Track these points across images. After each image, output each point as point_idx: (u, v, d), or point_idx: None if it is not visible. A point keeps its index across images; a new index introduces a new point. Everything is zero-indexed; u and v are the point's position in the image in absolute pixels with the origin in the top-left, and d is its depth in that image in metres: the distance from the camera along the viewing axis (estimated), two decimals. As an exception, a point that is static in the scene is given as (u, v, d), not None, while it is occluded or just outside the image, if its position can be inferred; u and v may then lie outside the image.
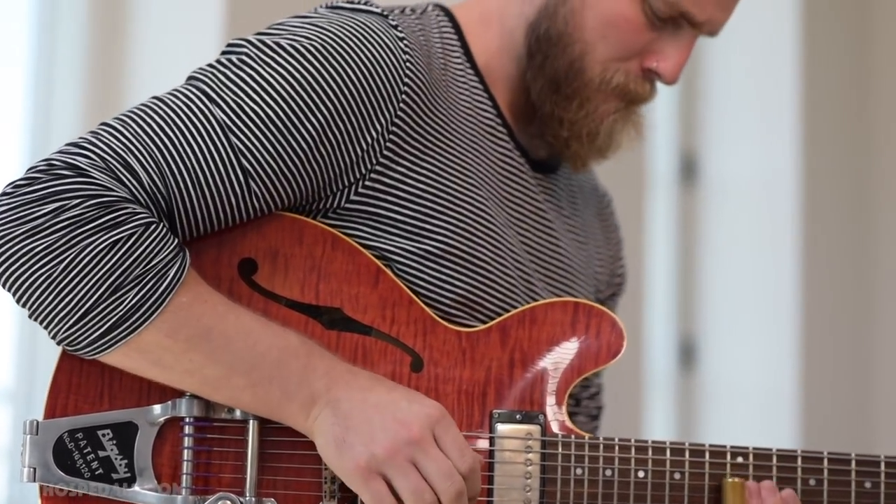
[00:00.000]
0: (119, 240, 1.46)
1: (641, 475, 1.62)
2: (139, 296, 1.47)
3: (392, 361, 1.60)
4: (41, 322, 1.49)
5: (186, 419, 1.54)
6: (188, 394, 1.54)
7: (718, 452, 1.64)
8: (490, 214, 1.68)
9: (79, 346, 1.49)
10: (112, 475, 1.52)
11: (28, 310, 1.49)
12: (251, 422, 1.54)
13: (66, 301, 1.46)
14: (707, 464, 1.64)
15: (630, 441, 1.63)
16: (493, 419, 1.61)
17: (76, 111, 2.82)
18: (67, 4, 2.85)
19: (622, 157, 1.83)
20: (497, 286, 1.66)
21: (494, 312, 1.66)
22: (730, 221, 4.07)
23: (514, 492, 1.60)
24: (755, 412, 3.94)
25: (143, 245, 1.47)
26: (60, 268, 1.45)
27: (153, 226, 1.48)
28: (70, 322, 1.47)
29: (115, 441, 1.53)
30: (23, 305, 1.49)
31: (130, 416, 1.54)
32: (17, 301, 1.49)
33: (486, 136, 1.72)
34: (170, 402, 1.54)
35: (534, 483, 1.60)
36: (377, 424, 1.50)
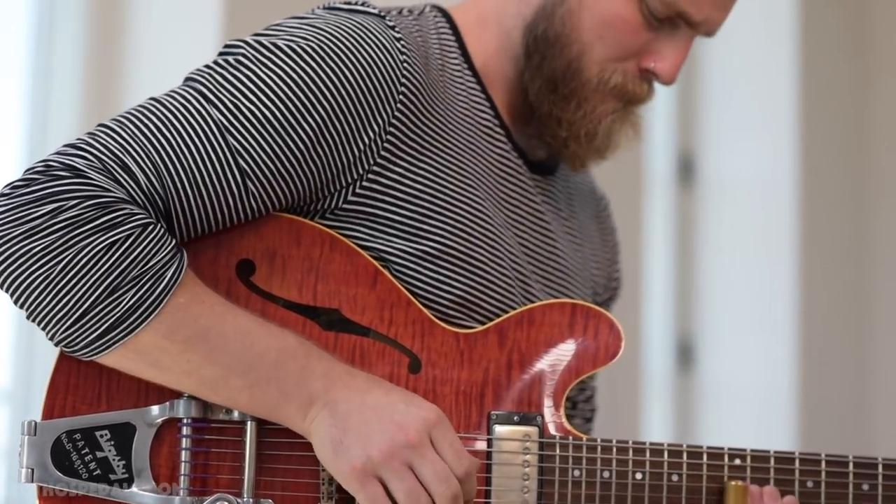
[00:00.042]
0: (117, 241, 1.46)
1: (639, 477, 1.62)
2: (137, 297, 1.47)
3: (390, 363, 1.59)
4: (39, 323, 1.49)
5: (184, 420, 1.54)
6: (186, 395, 1.53)
7: (716, 454, 1.64)
8: (487, 215, 1.68)
9: (76, 348, 1.49)
10: (110, 476, 1.52)
11: (26, 311, 1.48)
12: (249, 423, 1.54)
13: (64, 302, 1.46)
14: (705, 466, 1.64)
15: (628, 443, 1.63)
16: (491, 420, 1.61)
17: (74, 112, 2.81)
18: (65, 6, 2.84)
19: (620, 158, 1.83)
20: (494, 287, 1.66)
21: (492, 313, 1.66)
22: (727, 222, 4.07)
23: (512, 493, 1.60)
24: (753, 412, 3.94)
25: (141, 246, 1.47)
26: (58, 269, 1.45)
27: (151, 227, 1.48)
28: (68, 323, 1.47)
29: (113, 442, 1.53)
30: (20, 306, 1.49)
31: (128, 417, 1.53)
32: (15, 302, 1.49)
33: (484, 137, 1.71)
34: (167, 403, 1.54)
35: (531, 484, 1.60)
36: (374, 427, 1.50)
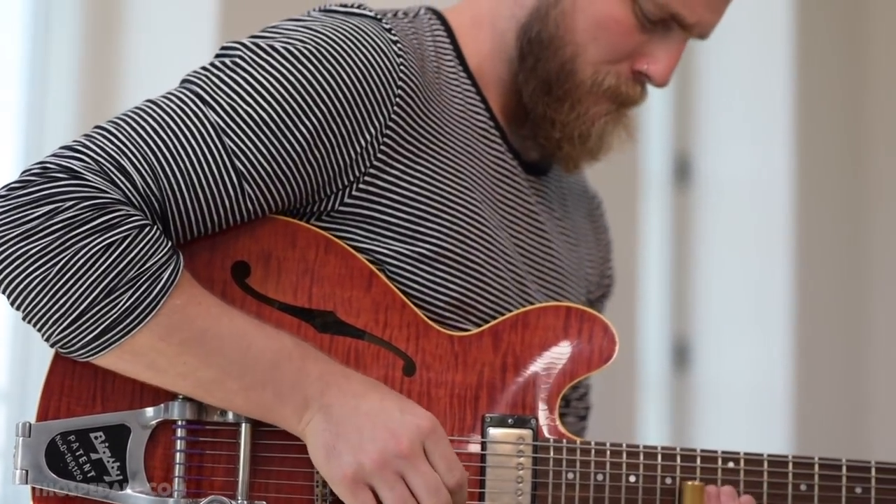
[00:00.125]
0: (113, 242, 1.46)
1: (633, 480, 1.62)
2: (133, 298, 1.47)
3: (385, 365, 1.59)
4: (35, 324, 1.49)
5: (179, 422, 1.54)
6: (181, 396, 1.54)
7: (710, 458, 1.65)
8: (483, 217, 1.68)
9: (72, 349, 1.49)
10: (104, 478, 1.52)
11: (22, 312, 1.48)
12: (243, 425, 1.54)
13: (61, 303, 1.46)
14: (698, 469, 1.64)
15: (622, 446, 1.63)
16: (486, 423, 1.61)
17: (70, 114, 2.81)
18: (62, 7, 2.84)
19: (616, 159, 1.83)
20: (490, 288, 1.66)
21: (488, 315, 1.66)
22: (723, 223, 4.07)
23: (506, 496, 1.60)
24: (748, 413, 3.94)
25: (138, 248, 1.47)
26: (55, 270, 1.45)
27: (147, 228, 1.48)
28: (64, 324, 1.47)
29: (108, 444, 1.53)
30: (17, 308, 1.49)
31: (123, 419, 1.54)
32: (12, 304, 1.49)
33: (479, 139, 1.72)
34: (162, 405, 1.54)
35: (525, 487, 1.60)
36: (367, 434, 1.50)
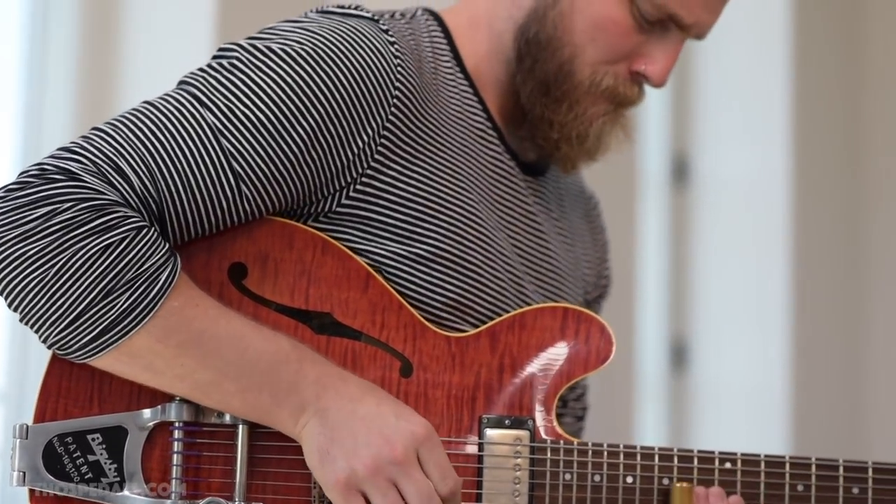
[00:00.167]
0: (111, 244, 1.46)
1: (630, 481, 1.62)
2: (131, 300, 1.47)
3: (381, 366, 1.60)
4: (32, 326, 1.49)
5: (176, 423, 1.54)
6: (178, 398, 1.54)
7: (707, 458, 1.65)
8: (481, 217, 1.68)
9: (70, 350, 1.49)
10: (102, 479, 1.52)
11: (19, 313, 1.48)
12: (240, 426, 1.54)
13: (58, 305, 1.46)
14: (695, 469, 1.64)
15: (619, 447, 1.63)
16: (483, 424, 1.61)
17: (68, 116, 2.81)
18: (59, 9, 2.84)
19: (614, 159, 1.83)
20: (488, 289, 1.66)
21: (485, 315, 1.66)
22: (721, 223, 4.07)
23: (503, 497, 1.60)
24: (746, 413, 3.94)
25: (135, 249, 1.47)
26: (52, 272, 1.45)
27: (145, 230, 1.48)
28: (61, 326, 1.47)
29: (105, 445, 1.53)
30: (14, 309, 1.49)
31: (120, 421, 1.54)
32: (9, 305, 1.49)
33: (477, 140, 1.72)
34: (159, 407, 1.54)
35: (522, 488, 1.60)
36: (362, 439, 1.50)
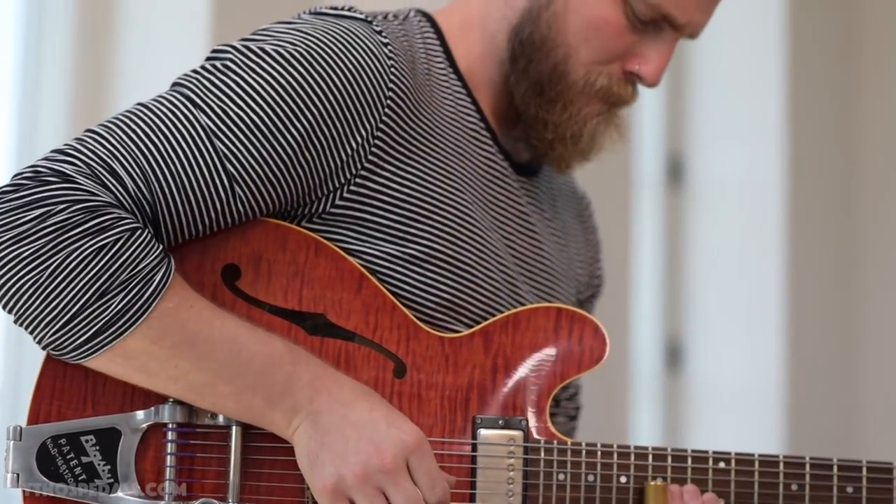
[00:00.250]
0: (105, 245, 1.46)
1: (623, 480, 1.63)
2: (125, 301, 1.47)
3: (375, 367, 1.60)
4: (27, 327, 1.49)
5: (169, 425, 1.54)
6: (171, 400, 1.54)
7: (701, 458, 1.65)
8: (474, 218, 1.68)
9: (64, 351, 1.49)
10: (95, 481, 1.52)
11: (14, 315, 1.49)
12: (234, 428, 1.54)
13: (53, 306, 1.46)
14: (689, 469, 1.64)
15: (612, 446, 1.63)
16: (476, 425, 1.61)
17: (62, 118, 2.80)
18: (54, 9, 2.84)
19: (609, 159, 1.83)
20: (481, 289, 1.66)
21: (479, 316, 1.66)
22: (716, 223, 4.07)
23: (497, 497, 1.60)
24: (741, 414, 3.94)
25: (129, 250, 1.47)
26: (47, 273, 1.45)
27: (139, 231, 1.49)
28: (56, 327, 1.47)
29: (99, 447, 1.53)
30: (8, 311, 1.49)
31: (113, 422, 1.54)
32: (3, 306, 1.49)
33: (470, 141, 1.72)
34: (153, 408, 1.54)
35: (516, 488, 1.60)
36: (352, 445, 1.50)
